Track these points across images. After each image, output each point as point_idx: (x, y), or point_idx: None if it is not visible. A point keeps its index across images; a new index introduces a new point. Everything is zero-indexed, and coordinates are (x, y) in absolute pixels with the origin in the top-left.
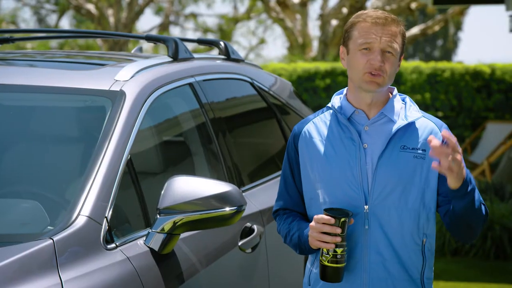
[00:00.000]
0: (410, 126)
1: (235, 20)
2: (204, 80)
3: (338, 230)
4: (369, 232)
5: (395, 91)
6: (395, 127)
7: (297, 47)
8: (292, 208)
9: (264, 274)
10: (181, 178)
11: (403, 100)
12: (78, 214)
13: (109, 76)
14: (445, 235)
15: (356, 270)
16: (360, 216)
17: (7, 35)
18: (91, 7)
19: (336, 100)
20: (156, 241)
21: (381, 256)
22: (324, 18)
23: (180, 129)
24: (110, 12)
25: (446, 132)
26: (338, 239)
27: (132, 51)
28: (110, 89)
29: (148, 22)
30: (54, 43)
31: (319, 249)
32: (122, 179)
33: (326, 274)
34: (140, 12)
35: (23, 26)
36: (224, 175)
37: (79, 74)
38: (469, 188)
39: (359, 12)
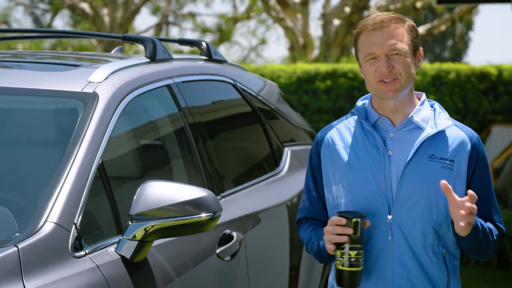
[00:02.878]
0: (440, 135)
1: (235, 20)
2: (183, 82)
3: (350, 231)
4: (393, 243)
5: (423, 97)
6: (424, 135)
7: (298, 48)
8: (315, 217)
9: (244, 283)
10: (154, 183)
11: (431, 107)
12: (45, 221)
13: (82, 78)
14: (495, 250)
15: (379, 282)
16: (383, 226)
17: None
18: (85, 6)
19: (360, 106)
20: (127, 249)
21: (405, 268)
22: (326, 18)
23: (157, 132)
24: (105, 11)
25: (471, 194)
26: (345, 238)
27: (112, 52)
28: (83, 91)
29: (145, 21)
30: (47, 43)
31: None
32: (94, 184)
33: (341, 278)
34: (136, 11)
35: (15, 26)
36: (203, 180)
37: (52, 75)
38: (475, 235)
39: (361, 22)
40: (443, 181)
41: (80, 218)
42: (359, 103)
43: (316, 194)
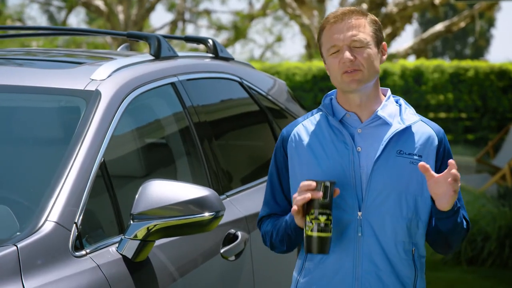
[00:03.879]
0: (407, 130)
1: (251, 17)
2: (188, 80)
3: (319, 194)
4: (362, 239)
5: (389, 93)
6: (392, 131)
7: (315, 45)
8: (279, 215)
9: (249, 283)
10: (156, 182)
11: (397, 102)
12: (46, 220)
13: (85, 75)
14: (461, 244)
15: (348, 279)
16: (353, 223)
17: None
18: (100, 3)
19: (327, 102)
20: (129, 248)
21: (374, 265)
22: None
23: (160, 131)
24: (119, 8)
25: (452, 162)
26: (316, 195)
27: (118, 49)
28: (85, 89)
29: (160, 19)
30: (61, 41)
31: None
32: (95, 183)
33: (310, 245)
34: (151, 8)
35: (29, 23)
36: (208, 179)
37: (55, 73)
38: (456, 210)
39: (325, 18)
40: (422, 163)
41: (81, 217)
42: (325, 99)
43: (281, 191)
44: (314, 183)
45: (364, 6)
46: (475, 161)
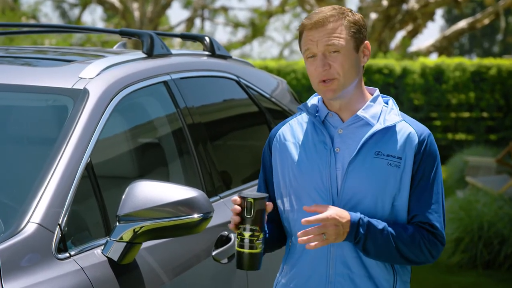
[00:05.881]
0: (388, 131)
1: (269, 14)
2: (181, 78)
3: (238, 209)
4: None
5: (376, 92)
6: (370, 131)
7: None
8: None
9: (243, 286)
10: (143, 183)
11: (386, 103)
12: (28, 221)
13: (74, 74)
14: (477, 247)
15: (321, 281)
16: None
17: None
18: (115, 0)
19: (313, 101)
20: (115, 251)
21: (347, 267)
22: (362, 11)
23: (151, 131)
24: (135, 6)
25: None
26: (237, 218)
27: (114, 47)
28: (73, 87)
29: (177, 16)
30: (75, 39)
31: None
32: (81, 184)
33: (238, 260)
34: (167, 5)
35: (44, 21)
36: (200, 181)
37: (43, 71)
38: (357, 241)
39: (302, 22)
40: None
41: (65, 219)
42: (312, 98)
43: (266, 191)
44: (238, 200)
45: (384, 3)
46: (495, 161)
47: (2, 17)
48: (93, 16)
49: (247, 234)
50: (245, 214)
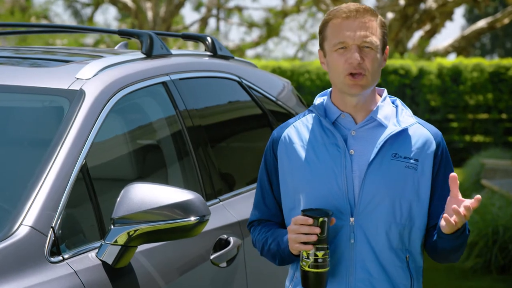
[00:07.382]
0: (403, 133)
1: (284, 14)
2: (180, 79)
3: (317, 230)
4: (355, 246)
5: (385, 93)
6: (387, 133)
7: None
8: (269, 219)
9: None
10: (138, 185)
11: (393, 103)
12: (21, 224)
13: (70, 74)
14: (492, 251)
15: None
16: (345, 229)
17: None
18: (127, 0)
19: (319, 102)
20: (109, 254)
21: (367, 273)
22: (379, 11)
23: (149, 132)
24: (148, 5)
25: (478, 199)
26: (314, 237)
27: (116, 47)
28: (69, 88)
29: (191, 16)
30: (88, 39)
31: (299, 256)
32: (76, 186)
33: (307, 280)
34: (180, 5)
35: (56, 21)
36: (199, 183)
37: (40, 71)
38: (459, 235)
39: (332, 9)
40: (453, 174)
41: (59, 222)
42: (317, 99)
43: (271, 195)
44: (311, 220)
45: (402, 2)
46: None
47: (11, 17)
48: (106, 16)
49: (320, 253)
50: (319, 235)
